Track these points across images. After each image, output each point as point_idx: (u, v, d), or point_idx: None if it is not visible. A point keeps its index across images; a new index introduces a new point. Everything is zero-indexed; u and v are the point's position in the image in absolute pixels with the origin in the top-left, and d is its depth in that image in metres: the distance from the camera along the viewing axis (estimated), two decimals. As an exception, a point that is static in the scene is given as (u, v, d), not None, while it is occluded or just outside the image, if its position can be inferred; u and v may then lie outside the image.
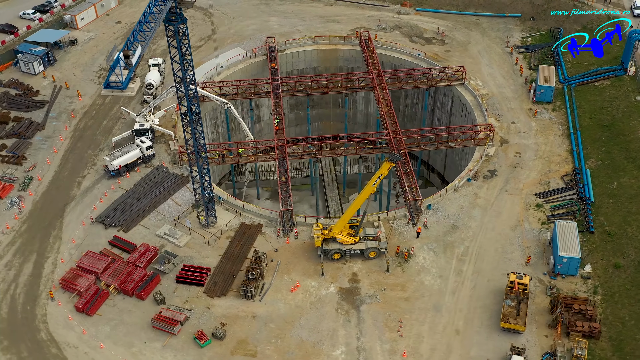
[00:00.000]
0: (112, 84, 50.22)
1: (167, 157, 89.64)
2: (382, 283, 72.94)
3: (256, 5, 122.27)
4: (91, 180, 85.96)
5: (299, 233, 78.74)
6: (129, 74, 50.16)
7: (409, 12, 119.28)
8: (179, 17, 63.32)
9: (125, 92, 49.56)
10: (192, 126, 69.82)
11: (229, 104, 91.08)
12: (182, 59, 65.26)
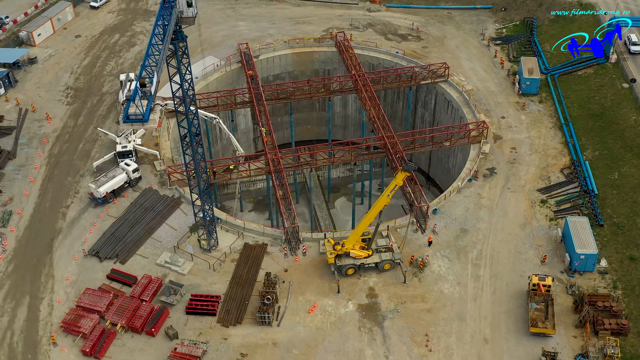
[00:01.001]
0: (132, 116, 46.19)
1: (154, 178, 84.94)
2: (401, 296, 70.76)
3: (221, 9, 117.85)
4: (77, 210, 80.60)
5: (306, 250, 75.71)
6: (148, 104, 46.28)
7: (379, 9, 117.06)
8: (179, 35, 59.28)
9: (147, 124, 45.91)
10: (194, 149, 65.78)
11: (217, 118, 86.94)
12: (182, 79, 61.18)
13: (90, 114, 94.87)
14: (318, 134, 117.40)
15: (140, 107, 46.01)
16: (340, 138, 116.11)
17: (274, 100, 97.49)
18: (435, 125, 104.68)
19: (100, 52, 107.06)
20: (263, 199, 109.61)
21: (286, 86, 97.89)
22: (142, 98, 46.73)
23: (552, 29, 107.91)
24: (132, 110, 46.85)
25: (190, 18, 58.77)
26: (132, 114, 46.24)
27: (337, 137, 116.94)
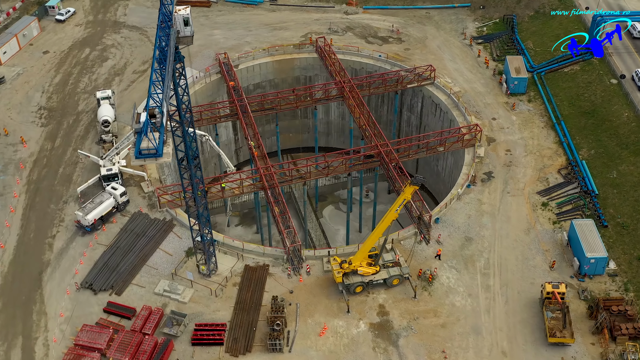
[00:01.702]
0: (145, 151, 42.73)
1: (142, 201, 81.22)
2: (412, 312, 68.81)
3: (194, 18, 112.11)
4: (64, 240, 76.40)
5: (310, 268, 73.16)
6: (161, 136, 42.85)
7: (357, 12, 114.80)
8: (176, 55, 56.00)
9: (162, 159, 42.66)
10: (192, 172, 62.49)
11: (207, 135, 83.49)
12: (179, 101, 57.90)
13: (68, 135, 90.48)
14: (300, 141, 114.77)
15: (153, 140, 42.58)
16: (324, 144, 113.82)
17: (260, 111, 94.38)
18: (423, 128, 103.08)
19: (71, 69, 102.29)
20: (249, 211, 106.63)
21: (271, 97, 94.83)
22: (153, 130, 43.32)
23: (533, 26, 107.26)
24: (144, 145, 43.30)
25: (188, 37, 55.78)
26: (145, 149, 42.75)
27: (320, 143, 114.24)
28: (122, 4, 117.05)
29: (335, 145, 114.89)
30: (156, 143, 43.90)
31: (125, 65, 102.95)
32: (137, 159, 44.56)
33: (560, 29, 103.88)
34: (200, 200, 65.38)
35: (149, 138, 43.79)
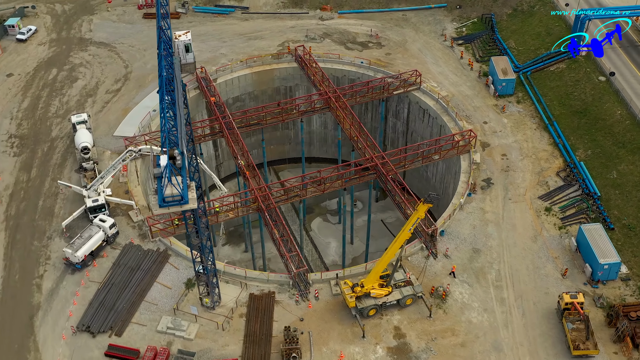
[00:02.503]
0: (169, 199, 38.97)
1: (132, 231, 76.92)
2: (429, 332, 66.55)
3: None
4: (52, 280, 71.64)
5: (318, 293, 70.23)
6: (184, 180, 39.16)
7: (332, 17, 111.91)
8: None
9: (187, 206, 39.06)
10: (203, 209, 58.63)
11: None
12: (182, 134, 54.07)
13: (44, 164, 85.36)
14: (283, 152, 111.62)
15: (178, 186, 38.92)
16: (306, 155, 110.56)
17: (245, 127, 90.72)
18: (410, 134, 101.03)
19: (39, 91, 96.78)
20: (235, 229, 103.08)
21: (256, 111, 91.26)
22: (175, 174, 39.64)
23: (513, 24, 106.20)
24: (168, 192, 39.60)
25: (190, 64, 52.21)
26: (169, 196, 39.06)
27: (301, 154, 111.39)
28: (86, 19, 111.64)
29: (318, 154, 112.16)
30: (180, 189, 40.31)
31: (97, 85, 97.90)
32: (161, 208, 40.84)
33: (541, 27, 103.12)
34: (203, 231, 61.73)
35: (172, 184, 40.14)
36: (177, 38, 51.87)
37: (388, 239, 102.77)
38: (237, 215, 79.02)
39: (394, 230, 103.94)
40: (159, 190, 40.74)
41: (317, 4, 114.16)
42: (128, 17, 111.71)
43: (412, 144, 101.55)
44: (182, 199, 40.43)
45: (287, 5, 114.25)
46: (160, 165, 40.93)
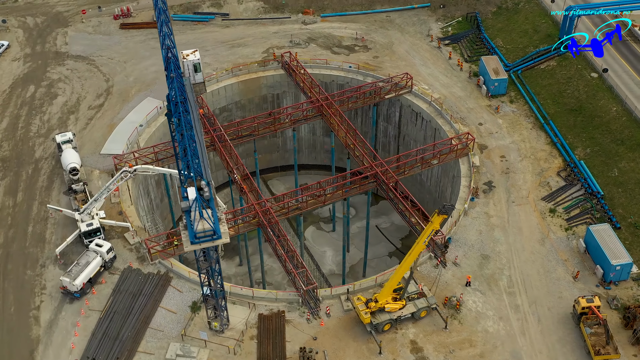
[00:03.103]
0: (201, 234, 36.42)
1: (130, 254, 73.94)
2: (447, 344, 65.18)
3: (143, 41, 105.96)
4: (50, 311, 68.32)
5: (330, 309, 68.30)
6: (214, 214, 36.72)
7: (315, 21, 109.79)
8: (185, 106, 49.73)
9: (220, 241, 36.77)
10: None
11: (194, 176, 76.59)
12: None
13: (29, 187, 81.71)
14: (270, 161, 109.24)
15: (209, 220, 36.48)
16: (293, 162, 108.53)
17: (237, 139, 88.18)
18: (402, 138, 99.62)
19: (18, 110, 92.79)
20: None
21: (248, 122, 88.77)
22: (204, 207, 37.18)
23: (499, 22, 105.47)
24: (200, 227, 37.16)
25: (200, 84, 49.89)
26: (201, 232, 36.62)
27: (290, 162, 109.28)
28: (60, 32, 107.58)
29: (307, 162, 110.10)
30: (212, 223, 37.90)
31: (78, 100, 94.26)
32: (192, 245, 38.37)
33: (528, 24, 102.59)
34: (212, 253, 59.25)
35: (204, 218, 37.71)
36: (186, 58, 49.15)
37: (384, 244, 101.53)
38: (238, 233, 76.59)
39: (389, 236, 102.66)
40: (189, 226, 38.22)
41: (299, 8, 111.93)
42: (104, 29, 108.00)
43: (404, 147, 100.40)
44: (214, 234, 38.03)
45: (268, 11, 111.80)
46: (189, 199, 38.44)
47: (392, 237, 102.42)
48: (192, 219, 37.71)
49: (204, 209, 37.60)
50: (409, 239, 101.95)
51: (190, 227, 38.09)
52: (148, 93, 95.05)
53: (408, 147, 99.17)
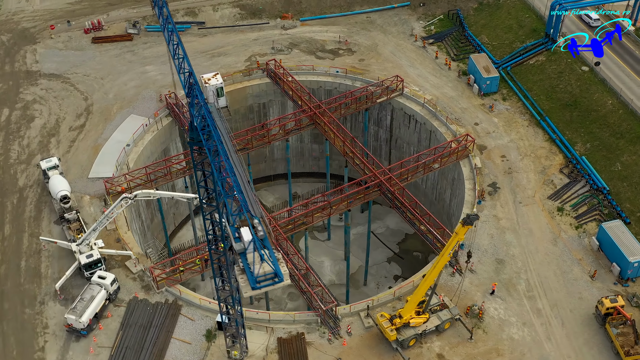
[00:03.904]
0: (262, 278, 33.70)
1: (134, 284, 70.40)
2: (474, 355, 63.79)
3: (118, 55, 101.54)
4: (56, 351, 64.38)
5: (350, 327, 66.19)
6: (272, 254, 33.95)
7: (295, 25, 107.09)
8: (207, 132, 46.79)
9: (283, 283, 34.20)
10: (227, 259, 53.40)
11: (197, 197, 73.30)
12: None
13: (16, 218, 77.19)
14: (257, 171, 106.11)
15: (269, 262, 33.75)
16: (282, 171, 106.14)
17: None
18: (394, 141, 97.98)
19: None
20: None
21: (242, 136, 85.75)
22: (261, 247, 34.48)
23: (482, 19, 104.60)
24: (260, 271, 34.36)
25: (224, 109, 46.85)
26: (263, 275, 33.85)
27: (279, 170, 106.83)
28: (29, 50, 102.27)
29: (295, 170, 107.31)
30: (272, 265, 35.25)
31: (57, 122, 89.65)
32: (253, 290, 35.70)
33: (511, 19, 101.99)
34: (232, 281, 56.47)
35: (265, 260, 35.01)
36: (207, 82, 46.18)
37: (381, 250, 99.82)
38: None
39: (385, 241, 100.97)
40: (247, 271, 35.49)
41: (276, 12, 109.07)
42: (75, 44, 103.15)
43: (396, 151, 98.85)
44: (276, 277, 35.41)
45: (245, 17, 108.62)
46: (244, 240, 35.63)
47: (389, 242, 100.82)
48: (250, 262, 35.02)
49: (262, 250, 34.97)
50: (405, 242, 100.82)
51: (249, 272, 35.35)
52: (131, 110, 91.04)
53: (401, 150, 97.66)
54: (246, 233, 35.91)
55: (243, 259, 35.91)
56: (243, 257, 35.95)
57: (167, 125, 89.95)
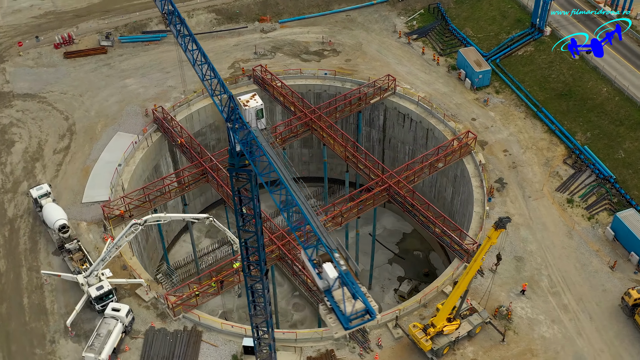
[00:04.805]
0: (355, 316, 31.35)
1: (148, 313, 67.09)
2: (508, 358, 62.99)
3: (94, 70, 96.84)
4: (76, 392, 61.03)
5: (381, 339, 64.51)
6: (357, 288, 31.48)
7: (274, 28, 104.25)
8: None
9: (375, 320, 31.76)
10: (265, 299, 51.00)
11: (210, 217, 70.19)
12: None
13: (11, 252, 72.69)
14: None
15: (362, 298, 31.26)
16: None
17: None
18: (388, 141, 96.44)
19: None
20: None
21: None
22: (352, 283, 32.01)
23: (463, 11, 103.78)
24: (351, 309, 31.83)
25: (264, 130, 44.22)
26: (354, 313, 31.46)
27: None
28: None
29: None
30: (364, 301, 33.00)
31: (39, 145, 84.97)
32: (347, 330, 33.42)
33: (494, 10, 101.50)
34: (267, 306, 54.08)
35: (358, 297, 32.65)
36: (246, 105, 43.43)
37: (382, 252, 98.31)
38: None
39: (384, 242, 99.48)
40: (337, 310, 33.13)
41: (254, 15, 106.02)
42: (47, 60, 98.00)
43: (390, 150, 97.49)
44: (368, 313, 33.14)
45: (221, 22, 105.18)
46: (330, 278, 33.20)
47: (387, 243, 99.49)
48: (338, 301, 32.70)
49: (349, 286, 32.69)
50: (404, 242, 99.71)
51: (339, 311, 33.03)
52: (116, 127, 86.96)
53: (395, 150, 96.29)
54: (330, 269, 33.62)
55: (329, 297, 33.66)
56: (329, 295, 33.70)
57: (157, 141, 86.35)
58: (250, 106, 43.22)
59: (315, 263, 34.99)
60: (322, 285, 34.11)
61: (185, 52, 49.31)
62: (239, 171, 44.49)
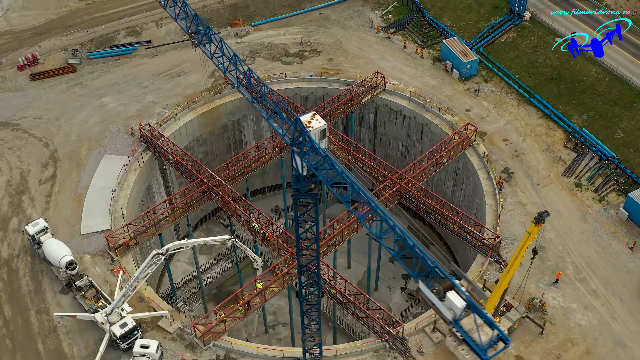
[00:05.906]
0: (489, 346, 29.51)
1: (175, 345, 63.75)
2: (550, 350, 62.86)
3: (66, 90, 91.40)
4: None
5: (422, 346, 63.28)
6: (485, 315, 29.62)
7: (248, 32, 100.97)
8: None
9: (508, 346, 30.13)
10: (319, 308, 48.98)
11: (232, 238, 66.91)
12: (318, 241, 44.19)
13: (14, 296, 67.78)
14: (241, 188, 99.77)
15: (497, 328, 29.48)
16: (259, 186, 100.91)
17: (230, 180, 79.28)
18: (379, 139, 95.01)
19: (-47, 204, 76.76)
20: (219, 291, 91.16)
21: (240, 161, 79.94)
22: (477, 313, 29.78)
23: (438, 1, 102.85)
24: (486, 338, 29.95)
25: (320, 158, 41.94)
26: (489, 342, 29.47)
27: (254, 186, 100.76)
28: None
29: (272, 183, 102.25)
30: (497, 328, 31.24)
31: (22, 176, 79.59)
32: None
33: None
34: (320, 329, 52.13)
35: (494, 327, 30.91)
36: (309, 125, 41.04)
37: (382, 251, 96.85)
38: (282, 288, 68.87)
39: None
40: (471, 341, 31.30)
41: (225, 20, 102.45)
42: (12, 84, 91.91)
43: (381, 148, 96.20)
44: (501, 340, 31.33)
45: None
46: (457, 307, 31.24)
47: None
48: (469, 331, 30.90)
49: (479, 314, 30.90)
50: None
51: (473, 343, 31.21)
52: (102, 150, 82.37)
53: (387, 147, 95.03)
54: (456, 298, 31.75)
55: (458, 327, 31.86)
56: (457, 326, 31.90)
57: (148, 160, 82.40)
58: (313, 127, 40.92)
59: (436, 293, 33.09)
60: (450, 317, 32.25)
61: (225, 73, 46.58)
62: (304, 196, 42.11)
